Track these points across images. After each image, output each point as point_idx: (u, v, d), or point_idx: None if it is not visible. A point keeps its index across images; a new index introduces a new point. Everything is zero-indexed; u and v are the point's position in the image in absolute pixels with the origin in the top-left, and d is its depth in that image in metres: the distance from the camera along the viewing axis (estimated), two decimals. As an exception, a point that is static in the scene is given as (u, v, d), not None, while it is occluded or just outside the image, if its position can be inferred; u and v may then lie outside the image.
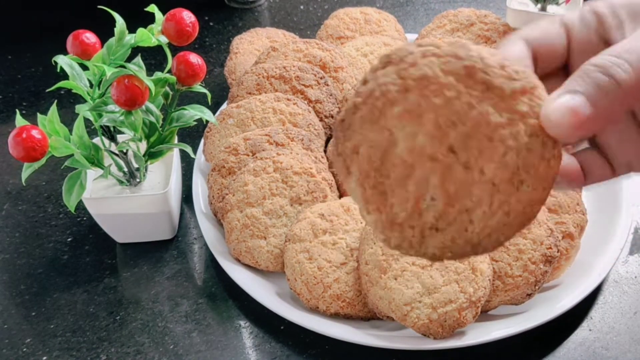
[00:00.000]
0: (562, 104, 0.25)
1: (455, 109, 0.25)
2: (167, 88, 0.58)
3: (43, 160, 0.52)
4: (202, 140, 0.70)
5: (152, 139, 0.60)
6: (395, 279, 0.52)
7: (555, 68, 0.32)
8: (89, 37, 0.55)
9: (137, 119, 0.54)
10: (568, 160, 0.30)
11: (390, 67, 0.27)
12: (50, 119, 0.53)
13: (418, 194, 0.26)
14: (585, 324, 0.56)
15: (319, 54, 0.74)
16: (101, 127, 0.57)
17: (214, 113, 0.62)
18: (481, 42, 0.80)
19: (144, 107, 0.55)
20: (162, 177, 0.64)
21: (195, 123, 0.59)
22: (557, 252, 0.54)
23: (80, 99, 0.56)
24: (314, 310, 0.56)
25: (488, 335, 0.52)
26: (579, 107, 0.25)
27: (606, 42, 0.30)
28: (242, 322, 0.58)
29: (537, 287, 0.53)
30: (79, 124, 0.55)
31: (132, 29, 0.55)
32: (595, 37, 0.30)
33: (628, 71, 0.25)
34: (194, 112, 0.59)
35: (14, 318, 0.60)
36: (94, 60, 0.55)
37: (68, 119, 0.61)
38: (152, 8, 0.55)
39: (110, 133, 0.59)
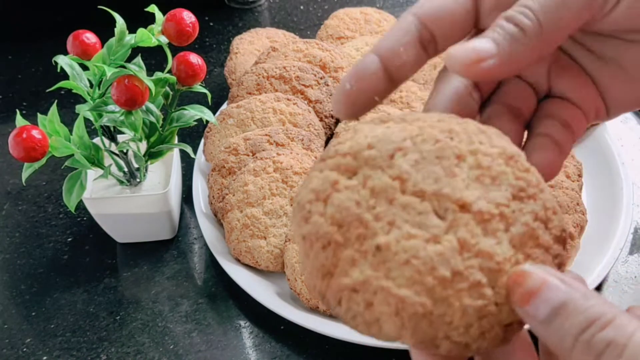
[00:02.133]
0: (469, 43, 0.25)
1: None
2: (167, 88, 0.58)
3: (43, 161, 0.52)
4: (202, 140, 0.70)
5: (152, 139, 0.60)
6: (395, 279, 0.52)
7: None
8: (89, 37, 0.55)
9: (137, 119, 0.54)
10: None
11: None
12: (51, 119, 0.53)
13: None
14: (585, 324, 0.56)
15: (319, 54, 0.74)
16: (101, 127, 0.57)
17: (214, 113, 0.62)
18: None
19: (144, 107, 0.55)
20: (162, 177, 0.64)
21: (195, 123, 0.59)
22: (557, 252, 0.54)
23: (80, 99, 0.56)
24: (314, 310, 0.56)
25: (488, 335, 0.52)
26: (484, 47, 0.25)
27: None
28: (242, 322, 0.58)
29: (537, 287, 0.53)
30: (79, 124, 0.55)
31: (132, 29, 0.55)
32: None
33: (532, 18, 0.25)
34: (194, 112, 0.59)
35: (14, 318, 0.60)
36: (94, 61, 0.55)
37: (68, 119, 0.61)
38: (152, 8, 0.55)
39: (111, 133, 0.59)
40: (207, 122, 0.60)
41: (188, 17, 0.55)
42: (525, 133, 0.31)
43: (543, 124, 0.29)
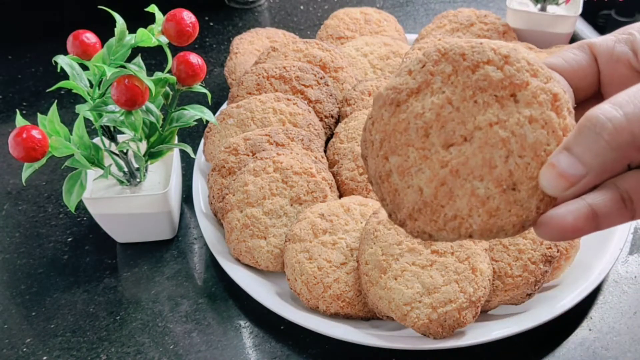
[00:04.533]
0: (552, 167, 0.26)
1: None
2: (167, 88, 0.58)
3: (43, 161, 0.52)
4: (202, 140, 0.70)
5: (152, 139, 0.60)
6: (395, 279, 0.52)
7: (589, 95, 0.31)
8: (89, 37, 0.55)
9: (137, 119, 0.54)
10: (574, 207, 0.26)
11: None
12: (51, 119, 0.53)
13: None
14: (585, 324, 0.56)
15: (319, 54, 0.74)
16: (101, 127, 0.57)
17: (214, 113, 0.62)
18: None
19: (144, 107, 0.55)
20: (162, 177, 0.64)
21: (195, 123, 0.59)
22: (557, 252, 0.54)
23: (80, 99, 0.56)
24: (314, 310, 0.56)
25: (488, 335, 0.52)
26: (566, 169, 0.26)
27: None
28: (242, 322, 0.58)
29: (537, 287, 0.53)
30: (79, 124, 0.55)
31: (132, 29, 0.55)
32: (628, 70, 0.29)
33: (620, 125, 0.24)
34: (194, 112, 0.59)
35: (14, 318, 0.60)
36: (94, 61, 0.55)
37: (68, 119, 0.61)
38: (152, 8, 0.55)
39: (111, 133, 0.59)
40: (207, 122, 0.60)
41: (188, 17, 0.55)
42: None
43: (603, 189, 0.27)
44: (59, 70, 0.55)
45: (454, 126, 0.28)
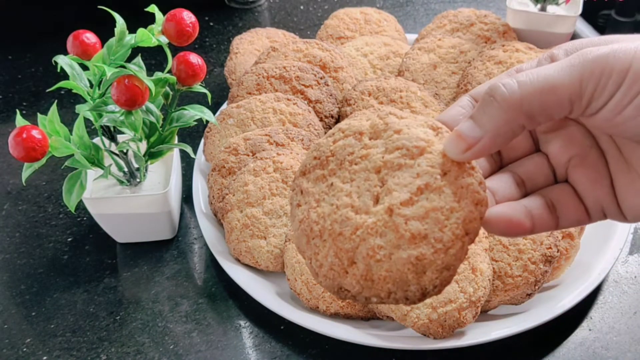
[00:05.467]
0: (455, 132, 0.28)
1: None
2: (167, 88, 0.58)
3: (43, 161, 0.52)
4: (202, 140, 0.70)
5: (152, 139, 0.60)
6: (395, 279, 0.52)
7: None
8: (89, 37, 0.55)
9: (137, 119, 0.54)
10: (511, 210, 0.29)
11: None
12: (51, 119, 0.53)
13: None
14: (585, 324, 0.56)
15: (319, 54, 0.74)
16: (101, 127, 0.57)
17: (214, 113, 0.62)
18: (481, 42, 0.81)
19: (144, 107, 0.55)
20: (162, 177, 0.64)
21: (195, 123, 0.59)
22: (557, 252, 0.54)
23: (80, 99, 0.56)
24: (314, 310, 0.56)
25: (488, 335, 0.52)
26: (465, 131, 0.28)
27: None
28: (242, 322, 0.58)
29: (537, 287, 0.53)
30: (79, 124, 0.55)
31: (132, 29, 0.55)
32: None
33: (512, 90, 0.26)
34: (194, 112, 0.59)
35: (14, 318, 0.60)
36: (94, 61, 0.55)
37: (68, 119, 0.61)
38: (152, 8, 0.55)
39: (111, 133, 0.59)
40: (207, 122, 0.60)
41: (188, 17, 0.55)
42: None
43: (533, 196, 0.31)
44: (59, 70, 0.55)
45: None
